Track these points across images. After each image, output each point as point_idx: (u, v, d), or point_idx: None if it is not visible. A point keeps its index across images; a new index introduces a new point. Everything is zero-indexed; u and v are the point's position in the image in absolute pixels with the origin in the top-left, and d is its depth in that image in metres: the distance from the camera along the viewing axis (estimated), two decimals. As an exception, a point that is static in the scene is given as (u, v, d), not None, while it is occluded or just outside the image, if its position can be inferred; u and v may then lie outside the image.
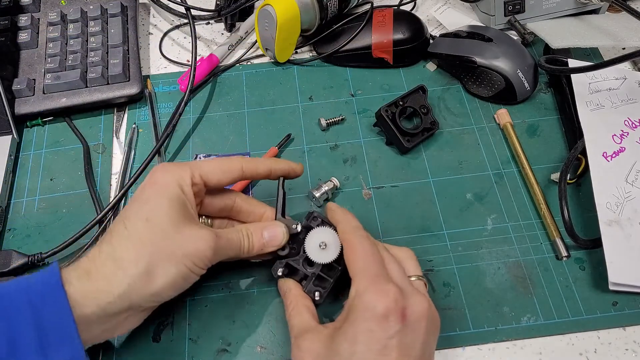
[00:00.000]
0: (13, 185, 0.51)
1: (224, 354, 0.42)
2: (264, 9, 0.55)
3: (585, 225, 0.47)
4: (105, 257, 0.35)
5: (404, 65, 0.59)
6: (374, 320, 0.33)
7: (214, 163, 0.40)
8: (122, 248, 0.35)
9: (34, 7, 0.61)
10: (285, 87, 0.58)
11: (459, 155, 0.52)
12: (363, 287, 0.34)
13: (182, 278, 0.36)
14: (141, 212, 0.36)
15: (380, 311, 0.33)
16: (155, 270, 0.35)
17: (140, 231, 0.35)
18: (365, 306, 0.34)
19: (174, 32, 0.64)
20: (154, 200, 0.37)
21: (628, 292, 0.43)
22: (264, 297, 0.44)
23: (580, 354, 0.41)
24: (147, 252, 0.35)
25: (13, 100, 0.54)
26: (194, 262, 0.36)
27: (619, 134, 0.50)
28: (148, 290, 0.35)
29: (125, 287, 0.34)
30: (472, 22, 0.63)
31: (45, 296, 0.33)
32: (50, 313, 0.33)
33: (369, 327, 0.33)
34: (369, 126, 0.54)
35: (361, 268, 0.36)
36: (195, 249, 0.36)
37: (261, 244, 0.40)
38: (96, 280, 0.34)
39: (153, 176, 0.38)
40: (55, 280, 0.33)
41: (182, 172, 0.38)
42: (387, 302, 0.33)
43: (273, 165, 0.42)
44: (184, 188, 0.37)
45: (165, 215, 0.36)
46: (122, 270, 0.34)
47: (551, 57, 0.56)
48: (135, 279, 0.34)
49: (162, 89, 0.59)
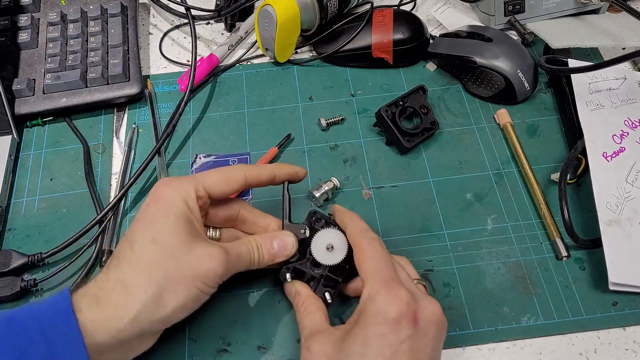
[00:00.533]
0: (13, 185, 0.51)
1: (224, 354, 0.42)
2: (264, 9, 0.55)
3: (585, 225, 0.47)
4: (113, 283, 0.34)
5: (404, 65, 0.59)
6: (387, 324, 0.33)
7: (217, 174, 0.39)
8: (131, 273, 0.34)
9: (34, 7, 0.61)
10: (285, 87, 0.58)
11: (459, 155, 0.52)
12: (375, 291, 0.34)
13: (193, 300, 0.35)
14: (147, 234, 0.35)
15: (393, 315, 0.33)
16: (165, 295, 0.34)
17: (148, 254, 0.35)
18: (378, 310, 0.33)
19: (174, 32, 0.64)
20: (160, 220, 0.36)
21: (628, 292, 0.43)
22: (264, 297, 0.44)
23: (580, 354, 0.41)
24: (156, 276, 0.34)
25: (13, 100, 0.54)
26: (204, 282, 0.35)
27: (619, 134, 0.50)
28: (159, 315, 0.34)
29: (135, 313, 0.33)
30: (472, 22, 0.63)
31: (57, 324, 0.32)
32: (61, 342, 0.32)
33: (381, 330, 0.33)
34: (369, 126, 0.54)
35: (373, 271, 0.35)
36: (206, 268, 0.35)
37: (271, 255, 0.40)
38: (106, 308, 0.33)
39: (157, 193, 0.37)
40: (66, 308, 0.33)
41: (186, 186, 0.37)
42: (399, 306, 0.33)
43: (276, 170, 0.41)
44: (189, 203, 0.37)
45: (173, 235, 0.35)
46: (132, 297, 0.34)
47: (551, 57, 0.56)
48: (146, 304, 0.33)
49: (162, 89, 0.59)
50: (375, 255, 0.36)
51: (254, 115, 0.56)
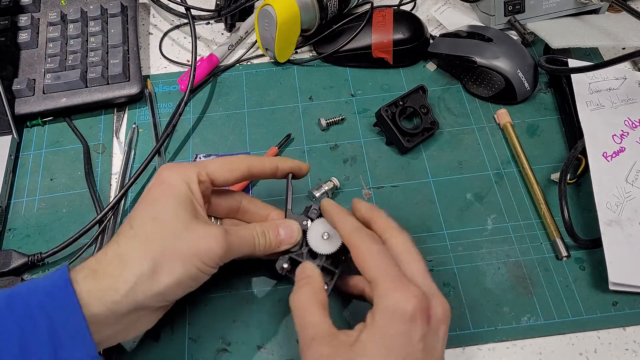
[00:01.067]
0: (13, 185, 0.51)
1: (224, 353, 0.42)
2: (264, 9, 0.55)
3: (585, 225, 0.47)
4: (111, 256, 0.35)
5: (404, 65, 0.59)
6: (404, 322, 0.32)
7: (220, 161, 0.40)
8: (128, 247, 0.35)
9: (34, 7, 0.61)
10: (285, 87, 0.58)
11: (459, 155, 0.52)
12: (387, 289, 0.33)
13: (190, 277, 0.35)
14: (148, 212, 0.36)
15: (409, 311, 0.32)
16: (161, 269, 0.34)
17: (147, 230, 0.35)
18: (394, 308, 0.32)
19: (174, 32, 0.64)
20: (161, 200, 0.36)
21: (628, 292, 0.43)
22: (264, 297, 0.44)
23: (580, 354, 0.41)
24: (153, 249, 0.34)
25: (13, 100, 0.54)
26: (203, 261, 0.35)
27: (619, 134, 0.50)
28: (154, 289, 0.34)
29: (130, 285, 0.33)
30: (472, 22, 0.63)
31: (56, 297, 0.33)
32: (61, 314, 0.32)
33: (399, 329, 0.32)
34: (369, 126, 0.54)
35: (378, 272, 0.34)
36: (205, 247, 0.35)
37: (278, 241, 0.40)
38: (102, 279, 0.34)
39: (159, 176, 0.38)
40: (64, 281, 0.33)
41: (188, 170, 0.38)
42: (414, 302, 0.32)
43: (280, 163, 0.42)
44: (191, 186, 0.37)
45: (173, 214, 0.35)
46: (128, 269, 0.34)
47: (551, 57, 0.56)
48: (141, 276, 0.33)
49: (162, 89, 0.59)
50: (370, 253, 0.35)
51: (254, 115, 0.56)
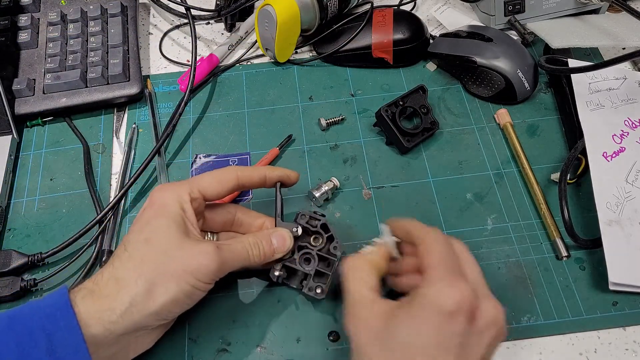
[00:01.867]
0: (13, 185, 0.51)
1: (224, 354, 0.42)
2: (264, 9, 0.55)
3: (585, 225, 0.47)
4: (107, 278, 0.35)
5: (404, 65, 0.59)
6: (442, 314, 0.32)
7: (210, 176, 0.41)
8: (123, 268, 0.36)
9: (34, 7, 0.61)
10: (285, 87, 0.58)
11: (459, 155, 0.52)
12: (436, 278, 0.33)
13: (185, 295, 0.36)
14: (141, 234, 0.37)
15: (449, 306, 0.32)
16: (155, 288, 0.35)
17: (140, 251, 0.36)
18: (435, 298, 0.32)
19: (174, 32, 0.64)
20: (153, 221, 0.37)
21: (628, 292, 0.43)
22: (264, 297, 0.44)
23: (580, 354, 0.41)
24: (146, 270, 0.35)
25: (13, 100, 0.54)
26: (197, 278, 0.36)
27: (619, 134, 0.50)
28: (150, 309, 0.35)
29: (126, 305, 0.34)
30: (472, 22, 0.63)
31: (56, 319, 0.33)
32: (60, 334, 0.33)
33: (435, 319, 0.32)
34: (369, 126, 0.54)
35: (435, 261, 0.35)
36: (198, 264, 0.36)
37: (272, 251, 0.40)
38: (99, 300, 0.34)
39: (152, 198, 0.39)
40: (64, 302, 0.34)
41: (179, 190, 0.38)
42: (458, 298, 0.32)
43: (268, 172, 0.42)
44: (183, 205, 0.38)
45: (165, 234, 0.36)
46: (123, 290, 0.34)
47: (551, 57, 0.56)
48: (136, 297, 0.34)
49: (162, 89, 0.59)
50: (438, 248, 0.36)
51: (254, 115, 0.56)
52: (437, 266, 0.34)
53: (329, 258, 0.41)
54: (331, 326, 0.43)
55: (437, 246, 0.36)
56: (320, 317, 0.43)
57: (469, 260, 0.37)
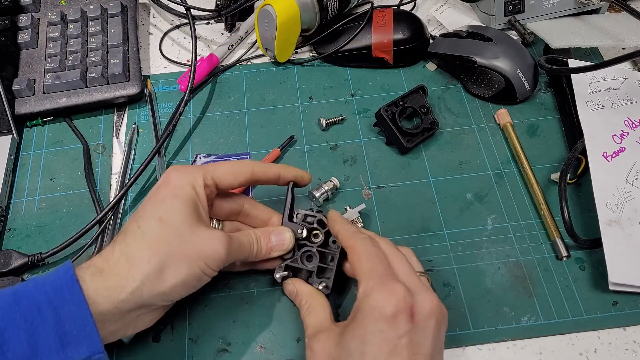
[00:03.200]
0: (13, 185, 0.51)
1: (224, 354, 0.42)
2: (264, 9, 0.55)
3: (585, 225, 0.47)
4: (118, 255, 0.35)
5: (404, 65, 0.59)
6: (383, 320, 0.33)
7: (226, 166, 0.41)
8: (136, 246, 0.35)
9: (34, 7, 0.61)
10: (285, 87, 0.58)
11: (459, 155, 0.52)
12: (370, 287, 0.34)
13: (195, 278, 0.36)
14: (155, 212, 0.37)
15: (389, 311, 0.33)
16: (167, 269, 0.35)
17: (154, 230, 0.36)
18: (374, 306, 0.33)
19: (174, 32, 0.64)
20: (168, 201, 0.37)
21: (628, 292, 0.43)
22: (264, 297, 0.44)
23: (580, 354, 0.41)
24: (160, 250, 0.35)
25: (13, 100, 0.54)
26: (207, 264, 0.36)
27: (619, 134, 0.50)
28: (159, 289, 0.35)
29: (137, 284, 0.34)
30: (472, 22, 0.63)
31: (63, 294, 0.33)
32: (68, 311, 0.33)
33: (379, 327, 0.33)
34: (369, 126, 0.54)
35: (367, 269, 0.36)
36: (210, 250, 0.36)
37: (269, 248, 0.41)
38: (109, 278, 0.35)
39: (167, 177, 0.39)
40: (69, 277, 0.34)
41: (195, 174, 0.39)
42: (395, 301, 0.33)
43: (282, 170, 0.43)
44: (197, 189, 0.38)
45: (180, 216, 0.36)
46: (135, 268, 0.35)
47: (551, 57, 0.56)
48: (147, 276, 0.34)
49: (162, 89, 0.59)
50: (367, 253, 0.37)
51: (254, 115, 0.56)
52: (369, 273, 0.35)
53: (330, 252, 0.42)
54: (331, 326, 0.43)
55: (364, 252, 0.37)
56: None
57: (397, 256, 0.38)
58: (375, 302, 0.34)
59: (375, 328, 0.33)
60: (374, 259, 0.36)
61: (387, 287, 0.34)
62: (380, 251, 0.37)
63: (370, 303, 0.34)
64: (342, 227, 0.40)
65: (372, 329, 0.33)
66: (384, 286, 0.34)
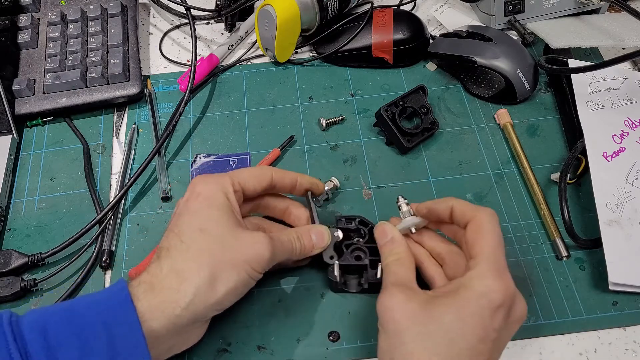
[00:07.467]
0: (13, 185, 0.51)
1: (223, 354, 0.42)
2: (264, 9, 0.55)
3: (585, 225, 0.47)
4: (167, 270, 0.35)
5: (404, 65, 0.59)
6: (489, 308, 0.33)
7: (248, 171, 0.41)
8: (183, 260, 0.36)
9: (34, 7, 0.61)
10: (285, 87, 0.58)
11: (459, 155, 0.52)
12: (486, 270, 0.34)
13: (243, 284, 0.37)
14: (194, 224, 0.37)
15: (497, 303, 0.33)
16: (218, 278, 0.35)
17: (197, 242, 0.36)
18: (484, 292, 0.33)
19: (174, 32, 0.64)
20: (204, 212, 0.37)
21: (628, 292, 0.43)
22: (264, 297, 0.44)
23: (580, 354, 0.41)
24: (208, 261, 0.35)
25: (13, 100, 0.55)
26: (253, 267, 0.36)
27: (619, 134, 0.50)
28: (212, 299, 0.35)
29: (190, 297, 0.34)
30: (472, 22, 0.63)
31: (117, 314, 0.33)
32: (121, 331, 0.33)
33: (482, 313, 0.33)
34: (369, 126, 0.54)
35: (489, 251, 0.35)
36: (255, 253, 0.36)
37: (311, 245, 0.41)
38: (161, 294, 0.34)
39: (195, 189, 0.39)
40: (125, 297, 0.34)
41: (224, 181, 0.39)
42: (505, 296, 0.33)
43: (299, 177, 0.43)
44: (229, 196, 0.39)
45: (219, 224, 0.37)
46: (187, 282, 0.35)
47: (551, 57, 0.56)
48: (200, 288, 0.34)
49: (162, 89, 0.59)
50: (492, 233, 0.36)
51: (254, 115, 0.56)
52: (490, 256, 0.35)
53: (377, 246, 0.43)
54: (331, 326, 0.43)
55: (490, 231, 0.36)
56: (320, 317, 0.43)
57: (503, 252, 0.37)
58: (488, 288, 0.33)
59: (478, 312, 0.33)
60: (497, 242, 0.36)
61: (503, 279, 0.34)
62: (502, 235, 0.37)
63: (482, 286, 0.34)
64: (457, 200, 0.39)
65: (475, 311, 0.33)
66: (500, 276, 0.34)
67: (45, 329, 0.32)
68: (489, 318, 0.33)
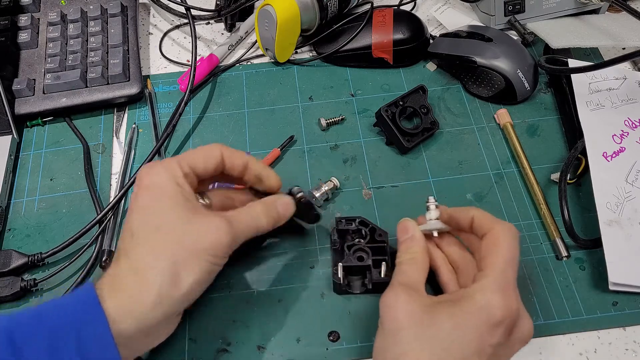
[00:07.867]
0: (13, 185, 0.51)
1: (223, 354, 0.42)
2: (264, 9, 0.55)
3: (585, 225, 0.47)
4: (126, 272, 0.35)
5: (404, 65, 0.59)
6: (487, 323, 0.33)
7: (196, 152, 0.39)
8: (140, 259, 0.35)
9: (34, 7, 0.61)
10: (285, 87, 0.58)
11: (459, 155, 0.52)
12: (491, 284, 0.34)
13: (207, 273, 0.36)
14: (145, 220, 0.36)
15: (496, 319, 0.33)
16: (179, 273, 0.34)
17: (152, 239, 0.35)
18: (485, 306, 0.33)
19: (174, 32, 0.64)
20: (154, 205, 0.36)
21: (628, 292, 0.43)
22: (264, 297, 0.44)
23: (580, 354, 0.41)
24: (165, 256, 0.34)
25: (13, 100, 0.54)
26: (214, 255, 0.35)
27: (619, 134, 0.50)
28: (177, 294, 0.34)
29: (154, 296, 0.33)
30: (472, 22, 0.63)
31: (84, 315, 0.33)
32: (90, 332, 0.32)
33: (480, 326, 0.33)
34: (369, 126, 0.54)
35: (501, 266, 0.35)
36: (212, 240, 0.35)
37: (279, 217, 0.41)
38: (125, 294, 0.34)
39: (143, 182, 0.37)
40: (92, 298, 0.33)
41: (171, 167, 0.37)
42: (506, 313, 0.33)
43: (250, 160, 0.41)
44: (178, 181, 0.37)
45: (172, 215, 0.35)
46: (147, 281, 0.34)
47: (551, 57, 0.56)
48: (162, 286, 0.34)
49: (162, 89, 0.59)
50: (508, 249, 0.36)
51: (254, 115, 0.56)
52: (498, 272, 0.35)
53: (379, 245, 0.43)
54: (331, 326, 0.43)
55: (507, 246, 0.36)
56: (320, 317, 0.43)
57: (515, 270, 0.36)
58: (489, 303, 0.33)
59: (476, 325, 0.33)
60: (509, 258, 0.36)
61: (507, 296, 0.34)
62: (517, 250, 0.36)
63: (483, 300, 0.34)
64: (478, 210, 0.39)
65: (473, 324, 0.33)
66: (504, 293, 0.34)
67: (11, 331, 0.32)
68: (487, 333, 0.33)
